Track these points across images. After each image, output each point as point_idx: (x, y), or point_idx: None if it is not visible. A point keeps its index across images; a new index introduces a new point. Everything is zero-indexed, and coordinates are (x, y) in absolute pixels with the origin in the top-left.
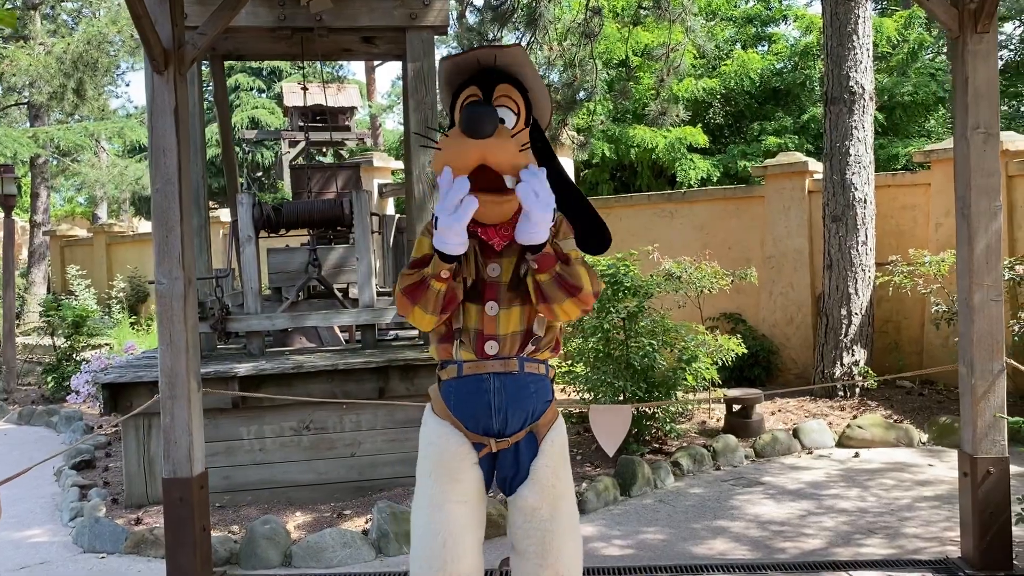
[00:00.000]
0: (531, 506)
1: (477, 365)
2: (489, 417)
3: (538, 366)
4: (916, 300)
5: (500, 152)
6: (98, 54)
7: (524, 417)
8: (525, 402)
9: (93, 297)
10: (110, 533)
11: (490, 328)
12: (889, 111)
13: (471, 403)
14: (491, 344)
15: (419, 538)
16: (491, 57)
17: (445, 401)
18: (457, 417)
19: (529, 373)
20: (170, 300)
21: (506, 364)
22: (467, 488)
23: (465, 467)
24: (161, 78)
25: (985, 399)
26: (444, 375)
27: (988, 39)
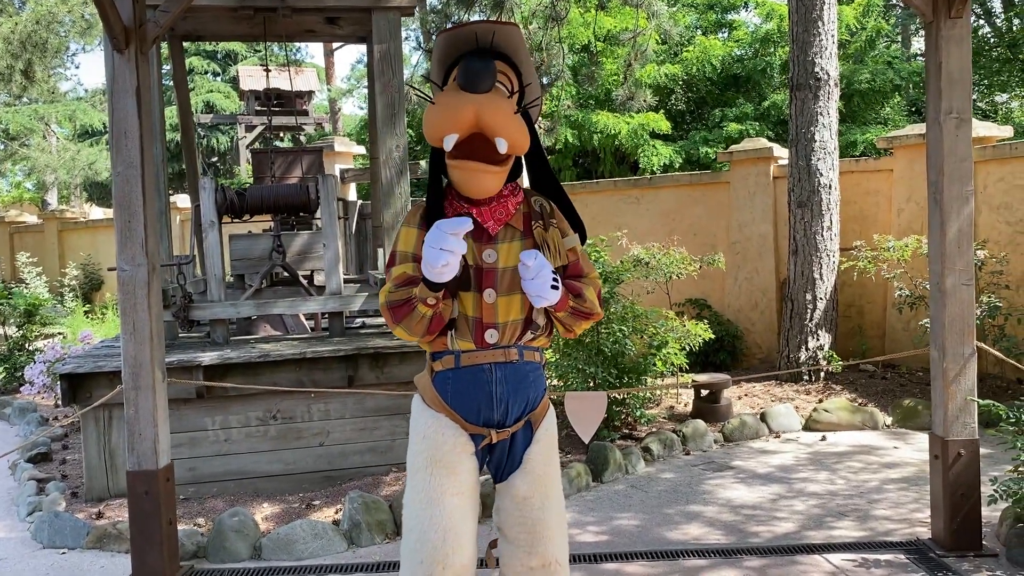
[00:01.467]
0: (523, 495)
1: (476, 355)
2: (491, 408)
3: (534, 354)
4: (879, 285)
5: (495, 111)
6: (47, 34)
7: (524, 406)
8: (526, 391)
9: (45, 285)
10: (71, 528)
11: (489, 316)
12: (847, 98)
13: (471, 394)
14: (491, 332)
15: (417, 531)
16: (489, 33)
17: (440, 393)
18: (455, 409)
19: (528, 362)
20: (133, 287)
21: (506, 353)
22: (463, 480)
23: (462, 459)
24: (122, 57)
25: (956, 382)
26: (439, 366)
27: (962, 24)
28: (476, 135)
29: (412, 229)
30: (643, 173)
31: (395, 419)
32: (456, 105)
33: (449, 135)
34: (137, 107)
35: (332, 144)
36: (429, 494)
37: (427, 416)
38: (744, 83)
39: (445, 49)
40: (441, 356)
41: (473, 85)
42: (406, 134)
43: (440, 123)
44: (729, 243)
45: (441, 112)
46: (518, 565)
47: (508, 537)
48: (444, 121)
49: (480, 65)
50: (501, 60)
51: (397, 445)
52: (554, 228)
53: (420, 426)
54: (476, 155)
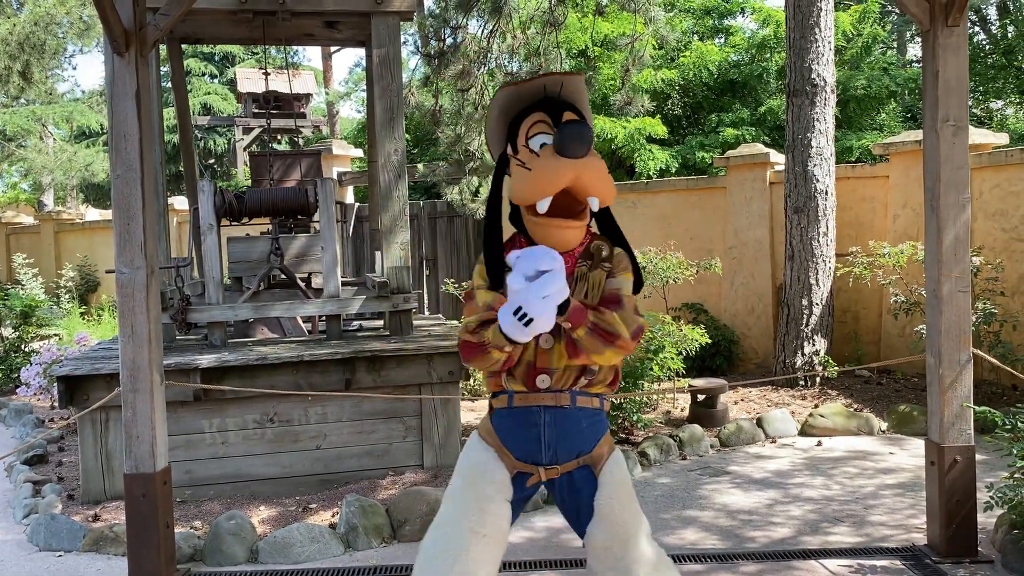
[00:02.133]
0: (602, 545)
1: (527, 397)
2: (539, 451)
3: (592, 400)
4: (874, 291)
5: (593, 173)
6: (45, 36)
7: (575, 453)
8: (576, 437)
9: (41, 286)
10: (67, 530)
11: (543, 361)
12: (843, 104)
13: (520, 435)
14: (543, 378)
15: (430, 554)
16: (558, 85)
17: (495, 428)
18: (505, 444)
19: (582, 407)
20: (131, 290)
21: (557, 398)
22: (491, 521)
23: (496, 500)
24: (122, 60)
25: (952, 389)
26: (496, 403)
27: (958, 32)
28: (563, 192)
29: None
30: (639, 177)
31: (392, 422)
32: (556, 171)
33: (544, 200)
34: (137, 110)
35: (330, 147)
36: (454, 521)
37: (478, 447)
38: (741, 88)
39: (510, 100)
40: (497, 395)
41: (573, 152)
42: (404, 138)
43: (535, 190)
44: (726, 248)
45: (539, 178)
46: None
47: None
48: (541, 187)
49: (578, 131)
50: (569, 111)
51: (394, 449)
52: (599, 271)
53: (469, 454)
54: (563, 212)
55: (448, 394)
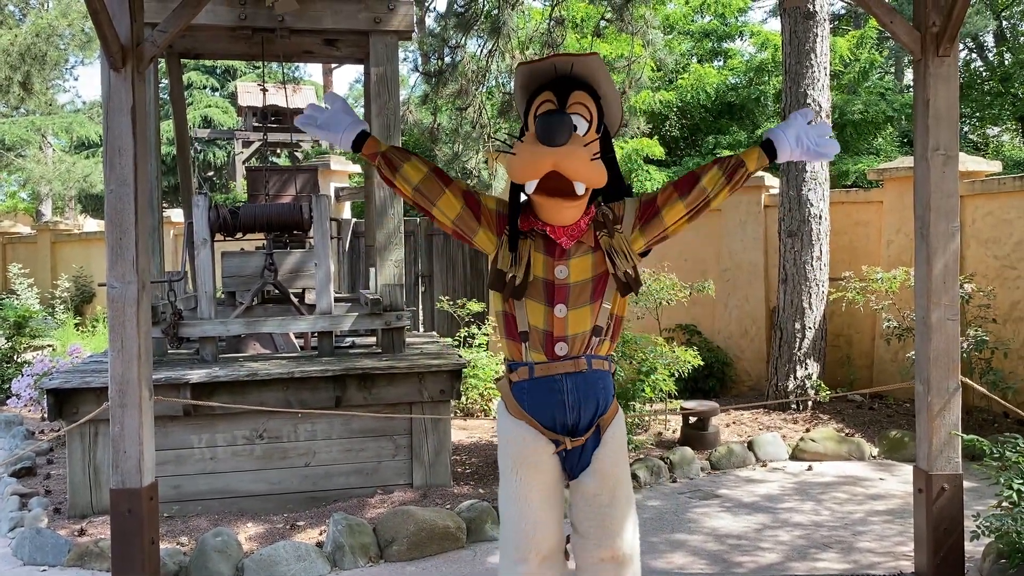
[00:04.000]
0: (592, 492)
1: (548, 367)
2: (564, 415)
3: (602, 362)
4: (867, 315)
5: (572, 160)
6: (47, 47)
7: (594, 411)
8: (595, 397)
9: (36, 297)
10: (52, 545)
11: (559, 330)
12: (839, 128)
13: (547, 403)
14: (561, 346)
15: (511, 525)
16: (568, 65)
17: (519, 402)
18: (534, 417)
19: (596, 370)
20: (123, 304)
21: (576, 364)
22: (547, 477)
23: (544, 458)
24: (118, 75)
25: (941, 416)
26: (515, 376)
27: (949, 62)
28: (553, 173)
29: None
30: None
31: (382, 441)
32: (535, 157)
33: (529, 182)
34: (132, 125)
35: (328, 163)
36: (518, 491)
37: (510, 422)
38: (738, 111)
39: (526, 79)
40: (516, 367)
41: (550, 140)
42: None
43: (520, 173)
44: (720, 270)
45: (520, 163)
46: (589, 557)
47: (580, 531)
48: (524, 171)
49: (556, 120)
50: (581, 89)
51: (383, 467)
52: (619, 233)
53: (505, 431)
54: (556, 191)
55: (439, 413)
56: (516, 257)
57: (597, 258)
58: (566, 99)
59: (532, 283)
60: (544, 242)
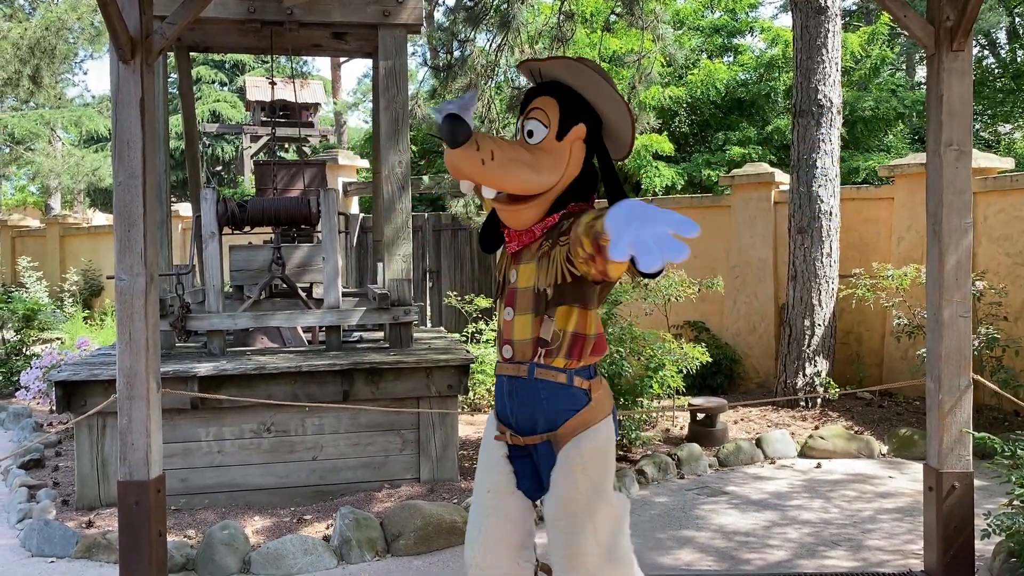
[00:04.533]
0: (552, 517)
1: (500, 366)
2: (507, 416)
3: (556, 374)
4: (877, 312)
5: (456, 162)
6: (56, 41)
7: (532, 424)
8: (533, 408)
9: (45, 290)
10: (60, 536)
11: (507, 333)
12: (850, 125)
13: (498, 399)
14: (507, 348)
15: (471, 515)
16: (537, 69)
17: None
18: (496, 407)
19: (540, 379)
20: (131, 297)
21: (517, 368)
22: (496, 478)
23: (496, 458)
24: (127, 68)
25: (952, 414)
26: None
27: (963, 57)
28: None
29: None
30: (645, 194)
31: (389, 435)
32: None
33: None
34: (140, 118)
35: (336, 157)
36: (477, 484)
37: (490, 413)
38: (748, 107)
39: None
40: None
41: (448, 142)
42: (409, 150)
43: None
44: (729, 267)
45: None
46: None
47: (551, 560)
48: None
49: (445, 124)
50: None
51: (390, 461)
52: (558, 248)
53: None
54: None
55: (446, 408)
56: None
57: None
58: (527, 106)
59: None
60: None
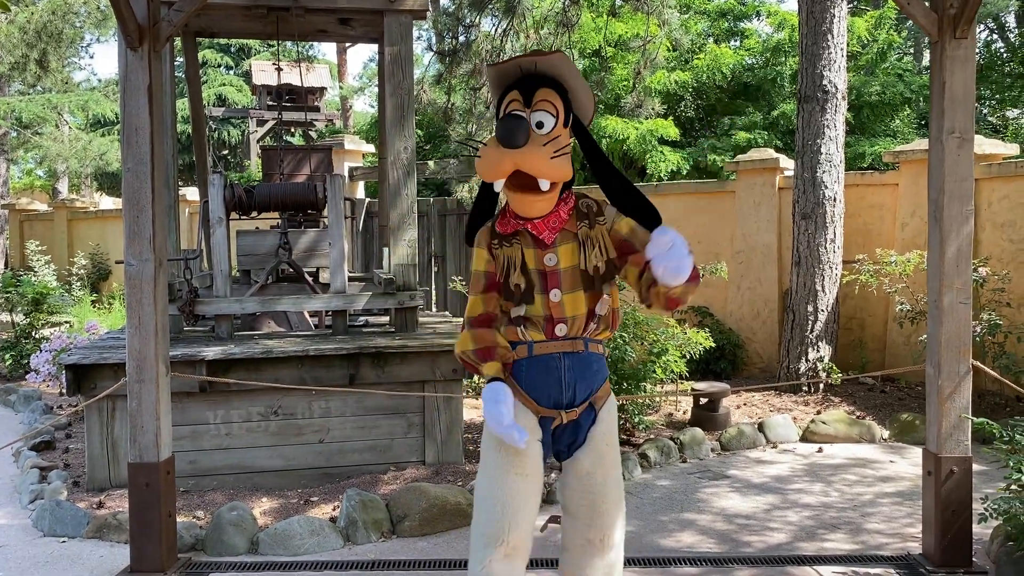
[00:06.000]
0: (586, 471)
1: (547, 345)
2: (560, 392)
3: (598, 346)
4: (880, 298)
5: (532, 160)
6: (63, 25)
7: (588, 390)
8: (591, 378)
9: (53, 274)
10: (71, 517)
11: (558, 312)
12: (857, 110)
13: (544, 380)
14: (561, 327)
15: (481, 505)
16: (532, 64)
17: (516, 378)
18: (529, 392)
19: (592, 353)
20: (140, 282)
21: (574, 344)
22: (527, 462)
23: (529, 443)
24: (135, 55)
25: (951, 399)
26: (514, 356)
27: (966, 44)
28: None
29: (482, 250)
30: (651, 179)
31: (395, 418)
32: (496, 160)
33: (495, 181)
34: (148, 104)
35: (342, 142)
36: (495, 472)
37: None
38: (754, 92)
39: (495, 79)
40: (515, 346)
41: (508, 143)
42: (415, 135)
43: (485, 173)
44: (733, 252)
45: (485, 164)
46: (578, 537)
47: (571, 511)
48: (488, 172)
49: (513, 125)
50: (547, 86)
51: (396, 444)
52: (600, 225)
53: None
54: (523, 187)
55: (451, 392)
56: (511, 263)
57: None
58: (532, 97)
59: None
60: (532, 238)
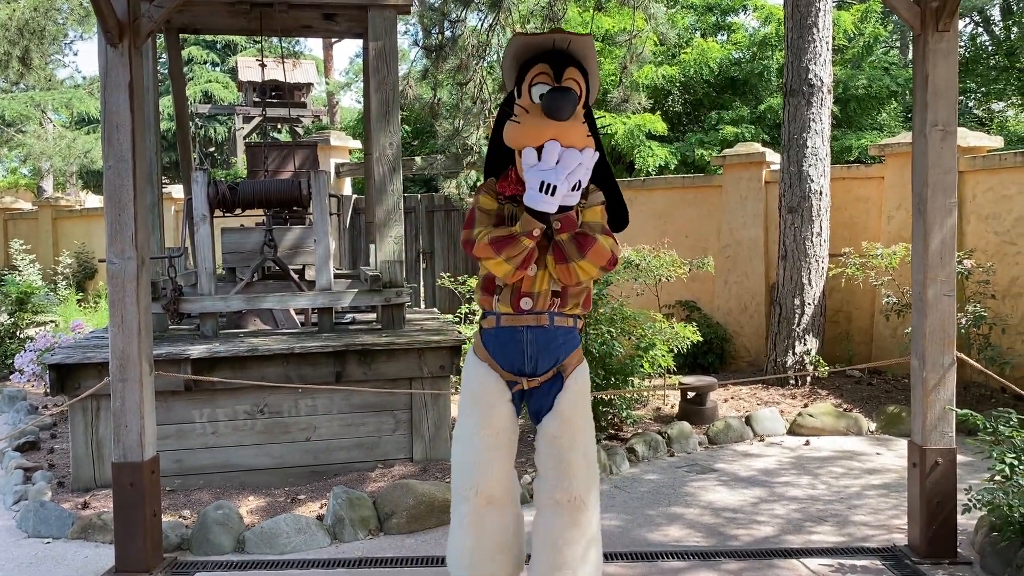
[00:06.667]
0: (552, 434)
1: (513, 318)
2: (522, 362)
3: (567, 319)
4: (867, 291)
5: (572, 134)
6: (45, 21)
7: (552, 361)
8: (555, 351)
9: (38, 273)
10: (56, 517)
11: (527, 286)
12: (843, 103)
13: (507, 350)
14: (526, 300)
15: (456, 463)
16: (565, 42)
17: (485, 345)
18: (495, 359)
19: (559, 326)
20: (122, 281)
21: (538, 319)
22: (498, 421)
23: (498, 401)
24: (115, 51)
25: (935, 391)
26: (485, 324)
27: (949, 38)
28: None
29: (490, 196)
30: (639, 174)
31: (382, 415)
32: (539, 129)
33: (529, 148)
34: (129, 102)
35: (328, 138)
36: (467, 430)
37: (474, 365)
38: (741, 86)
39: (521, 50)
40: (487, 316)
41: (555, 115)
42: (400, 131)
43: (522, 140)
44: (720, 246)
45: (523, 131)
46: (546, 498)
47: (541, 473)
48: (526, 140)
49: (563, 98)
50: (574, 66)
51: (383, 442)
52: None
53: (468, 372)
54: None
55: (439, 388)
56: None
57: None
58: (562, 73)
59: None
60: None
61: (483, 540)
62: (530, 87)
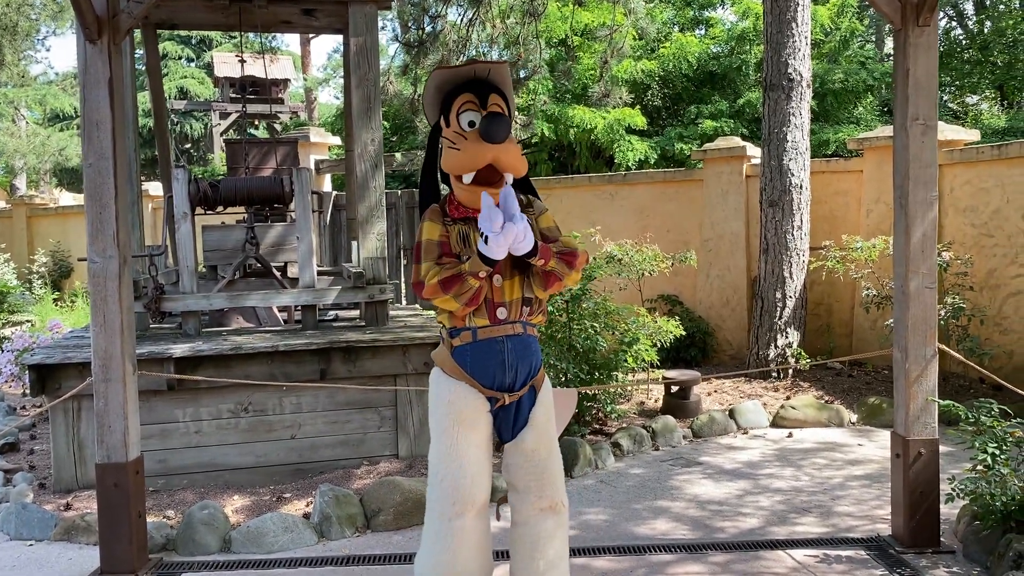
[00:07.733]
0: (531, 448)
1: (491, 330)
2: (503, 374)
3: (533, 329)
4: (847, 284)
5: (510, 155)
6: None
7: (528, 371)
8: (530, 358)
9: (13, 272)
10: (38, 519)
11: (499, 296)
12: (820, 97)
13: (488, 362)
14: (501, 310)
15: (448, 479)
16: (485, 71)
17: (460, 363)
18: (474, 376)
19: (530, 335)
20: (104, 279)
21: (514, 327)
22: (481, 436)
23: (481, 418)
24: (94, 48)
25: (918, 383)
26: (457, 341)
27: (929, 32)
28: (489, 166)
29: (435, 223)
30: (619, 168)
31: (367, 413)
32: (479, 153)
33: (468, 174)
34: (109, 98)
35: (307, 135)
36: (456, 448)
37: (449, 384)
38: (720, 80)
39: (443, 81)
40: (459, 332)
41: (494, 138)
42: (381, 127)
43: (463, 165)
44: (702, 240)
45: (464, 157)
46: (530, 509)
47: (519, 487)
48: (467, 164)
49: (500, 121)
50: (495, 92)
51: (368, 439)
52: (531, 216)
53: (443, 393)
54: (487, 182)
55: (423, 385)
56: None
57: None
58: (486, 100)
59: None
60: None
61: (470, 551)
62: (458, 115)
